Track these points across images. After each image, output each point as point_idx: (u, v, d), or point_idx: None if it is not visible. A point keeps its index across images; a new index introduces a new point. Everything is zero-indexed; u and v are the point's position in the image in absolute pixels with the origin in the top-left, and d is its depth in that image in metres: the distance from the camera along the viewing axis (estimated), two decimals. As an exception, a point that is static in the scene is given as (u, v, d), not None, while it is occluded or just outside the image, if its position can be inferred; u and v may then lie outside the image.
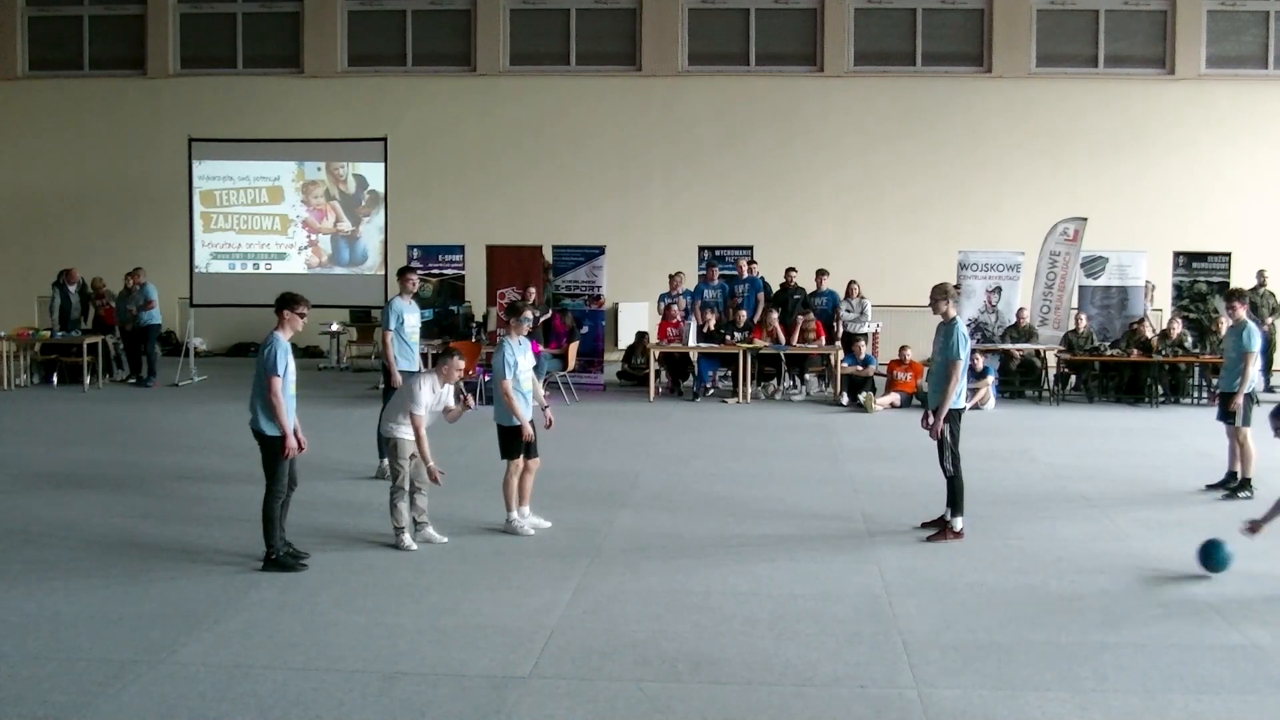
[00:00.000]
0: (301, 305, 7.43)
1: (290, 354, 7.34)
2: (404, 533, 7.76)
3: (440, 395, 7.95)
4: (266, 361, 7.18)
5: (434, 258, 17.26)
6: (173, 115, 20.45)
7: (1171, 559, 7.61)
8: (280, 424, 7.18)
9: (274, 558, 7.26)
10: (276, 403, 7.14)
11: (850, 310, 16.32)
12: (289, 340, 7.36)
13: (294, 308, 7.38)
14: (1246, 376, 9.64)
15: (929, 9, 20.43)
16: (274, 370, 7.14)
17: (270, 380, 7.14)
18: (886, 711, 5.11)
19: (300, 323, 7.43)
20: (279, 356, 7.17)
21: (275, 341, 7.22)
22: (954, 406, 8.16)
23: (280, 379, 7.16)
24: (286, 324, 7.35)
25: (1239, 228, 18.91)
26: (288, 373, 7.26)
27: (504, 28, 20.99)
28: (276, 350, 7.18)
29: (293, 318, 7.37)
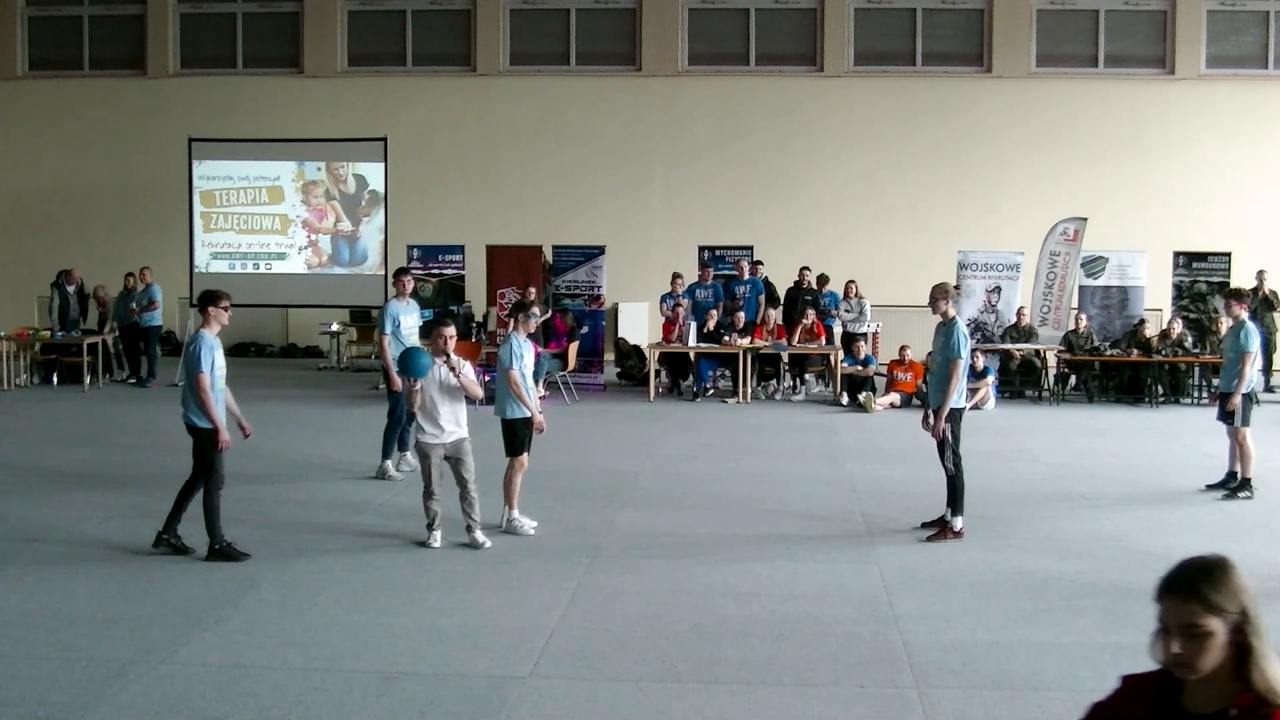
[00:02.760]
0: (224, 300, 7.69)
1: (219, 350, 7.57)
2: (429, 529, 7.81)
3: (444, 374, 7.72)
4: (193, 359, 7.45)
5: (434, 258, 17.26)
6: (173, 115, 20.46)
7: (1172, 559, 7.57)
8: (211, 418, 7.41)
9: (217, 548, 7.43)
10: (206, 399, 7.39)
11: (850, 310, 16.33)
12: (216, 336, 7.61)
13: (217, 303, 7.63)
14: (1244, 376, 9.64)
15: (929, 9, 20.43)
16: (199, 367, 7.39)
17: (198, 377, 7.39)
18: (886, 711, 5.11)
19: (225, 317, 7.69)
20: (204, 354, 7.41)
21: (201, 339, 7.50)
22: (954, 406, 8.16)
23: (208, 375, 7.40)
24: (212, 320, 7.60)
25: (1239, 228, 18.91)
26: (214, 368, 7.48)
27: (504, 28, 21.00)
28: (202, 347, 7.44)
29: (217, 313, 7.63)
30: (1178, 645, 2.19)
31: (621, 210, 20.38)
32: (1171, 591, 2.23)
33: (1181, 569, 2.26)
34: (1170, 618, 2.21)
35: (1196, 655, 2.18)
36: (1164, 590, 2.24)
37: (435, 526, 7.79)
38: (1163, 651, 2.22)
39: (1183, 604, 2.20)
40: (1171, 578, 2.25)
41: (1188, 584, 2.22)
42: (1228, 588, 2.21)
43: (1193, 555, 2.30)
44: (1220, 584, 2.21)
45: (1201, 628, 2.18)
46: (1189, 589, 2.21)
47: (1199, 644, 2.18)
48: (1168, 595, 2.23)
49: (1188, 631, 2.18)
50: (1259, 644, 2.19)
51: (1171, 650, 2.19)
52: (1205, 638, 2.18)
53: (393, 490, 9.62)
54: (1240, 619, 2.20)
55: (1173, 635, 2.20)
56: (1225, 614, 2.19)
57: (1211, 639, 2.18)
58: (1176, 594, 2.22)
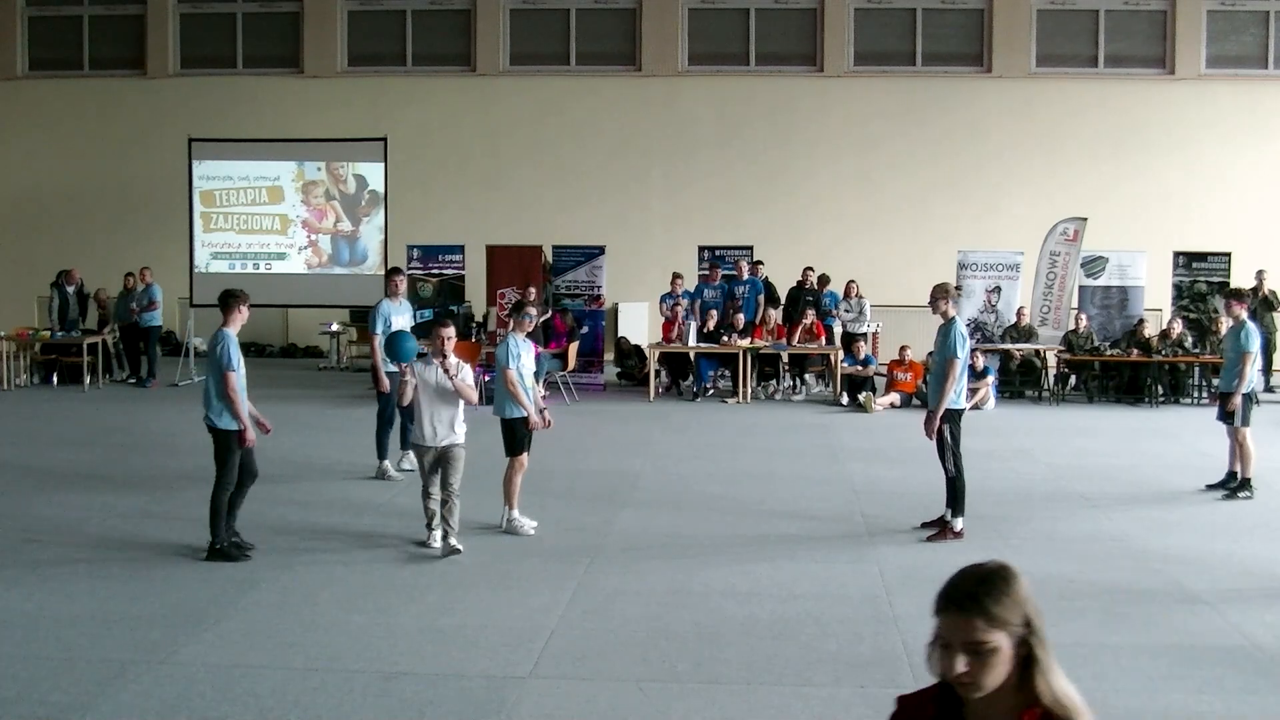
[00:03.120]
0: (244, 299, 7.70)
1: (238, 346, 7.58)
2: (429, 528, 7.73)
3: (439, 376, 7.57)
4: (221, 358, 7.42)
5: (434, 258, 17.26)
6: (173, 115, 20.45)
7: (1171, 559, 7.61)
8: (239, 417, 7.39)
9: (218, 548, 7.41)
10: (235, 397, 7.38)
11: (849, 310, 16.33)
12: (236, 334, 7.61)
13: (238, 302, 7.63)
14: (1244, 376, 9.64)
15: (929, 9, 20.43)
16: (229, 366, 7.39)
17: (227, 375, 7.37)
18: (886, 711, 5.10)
19: (245, 315, 7.68)
20: (232, 351, 7.42)
21: (225, 337, 7.49)
22: (954, 406, 8.17)
23: (236, 374, 7.40)
24: (234, 319, 7.60)
25: (1239, 228, 18.91)
26: (240, 365, 7.48)
27: (504, 28, 20.99)
28: (229, 345, 7.44)
29: (238, 312, 7.59)
30: (963, 663, 2.03)
31: (621, 210, 20.37)
32: (952, 606, 2.06)
33: (960, 581, 2.09)
34: (952, 634, 2.05)
35: (982, 673, 2.03)
36: (943, 604, 2.08)
37: (435, 526, 7.70)
38: (945, 669, 2.06)
39: (965, 619, 2.04)
40: (950, 591, 2.08)
41: (969, 597, 2.06)
42: (1010, 599, 2.05)
43: (972, 563, 2.13)
44: (1002, 595, 2.05)
45: (986, 644, 2.03)
46: (970, 603, 2.05)
47: (984, 661, 2.03)
48: (947, 610, 2.07)
49: (972, 648, 2.03)
50: (1044, 655, 2.07)
51: (956, 669, 2.03)
52: (991, 654, 2.03)
53: (392, 490, 9.62)
54: (1024, 631, 2.05)
55: (955, 652, 2.04)
56: (1009, 627, 2.04)
57: (997, 654, 2.03)
58: (957, 609, 2.05)
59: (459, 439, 7.65)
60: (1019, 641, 2.05)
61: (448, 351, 7.61)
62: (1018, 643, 2.05)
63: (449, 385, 7.54)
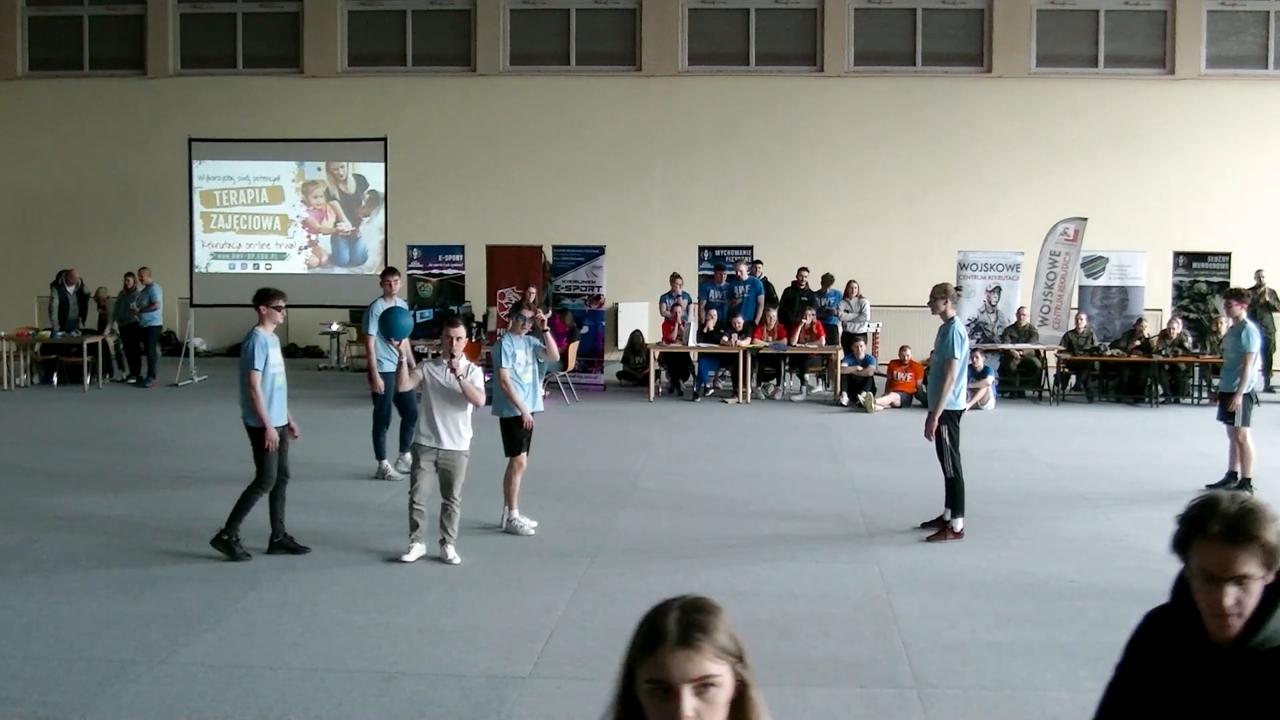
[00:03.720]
0: (278, 299, 7.63)
1: (274, 347, 7.57)
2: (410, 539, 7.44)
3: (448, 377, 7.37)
4: (245, 357, 7.47)
5: (434, 258, 17.26)
6: (173, 115, 20.45)
7: (1171, 559, 7.60)
8: (260, 416, 7.39)
9: (224, 539, 7.42)
10: (256, 396, 7.39)
11: (849, 310, 16.33)
12: (271, 334, 7.58)
13: (269, 302, 7.59)
14: (1245, 376, 9.64)
15: (929, 9, 20.42)
16: (252, 365, 7.39)
17: (250, 375, 7.39)
18: (886, 711, 5.11)
19: (279, 316, 7.65)
20: (256, 351, 7.41)
21: (255, 336, 7.48)
22: (954, 407, 8.17)
23: (260, 373, 7.39)
24: (266, 319, 7.57)
25: (1239, 228, 18.90)
26: (268, 366, 7.47)
27: (504, 28, 20.99)
28: (254, 345, 7.43)
29: (271, 312, 7.59)
30: (693, 708, 1.75)
31: (621, 210, 20.37)
32: (680, 642, 1.76)
33: (675, 613, 1.80)
34: (674, 672, 1.75)
35: (712, 715, 1.77)
36: (663, 641, 1.77)
37: (417, 538, 7.42)
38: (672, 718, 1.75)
39: (695, 654, 1.75)
40: (668, 626, 1.78)
41: (698, 628, 1.78)
42: (728, 628, 1.81)
43: (671, 596, 1.86)
44: (722, 625, 1.80)
45: (715, 679, 1.77)
46: (700, 634, 1.77)
47: (713, 698, 1.77)
48: (673, 647, 1.76)
49: (701, 685, 1.76)
50: (756, 691, 1.85)
51: (687, 715, 1.74)
52: (719, 690, 1.78)
53: (392, 490, 9.61)
54: (740, 663, 1.81)
55: (680, 696, 1.74)
56: (731, 659, 1.80)
57: (723, 692, 1.78)
58: (684, 644, 1.76)
59: (464, 446, 7.48)
60: (738, 677, 1.82)
61: (456, 352, 7.40)
62: (736, 678, 1.81)
63: (457, 387, 7.37)
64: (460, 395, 7.40)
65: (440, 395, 7.41)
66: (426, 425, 7.44)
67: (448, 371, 7.37)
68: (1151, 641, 2.47)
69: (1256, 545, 2.15)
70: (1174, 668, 2.34)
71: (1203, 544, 2.21)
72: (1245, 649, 2.21)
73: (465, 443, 7.50)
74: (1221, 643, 2.23)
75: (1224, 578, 2.17)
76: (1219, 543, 2.18)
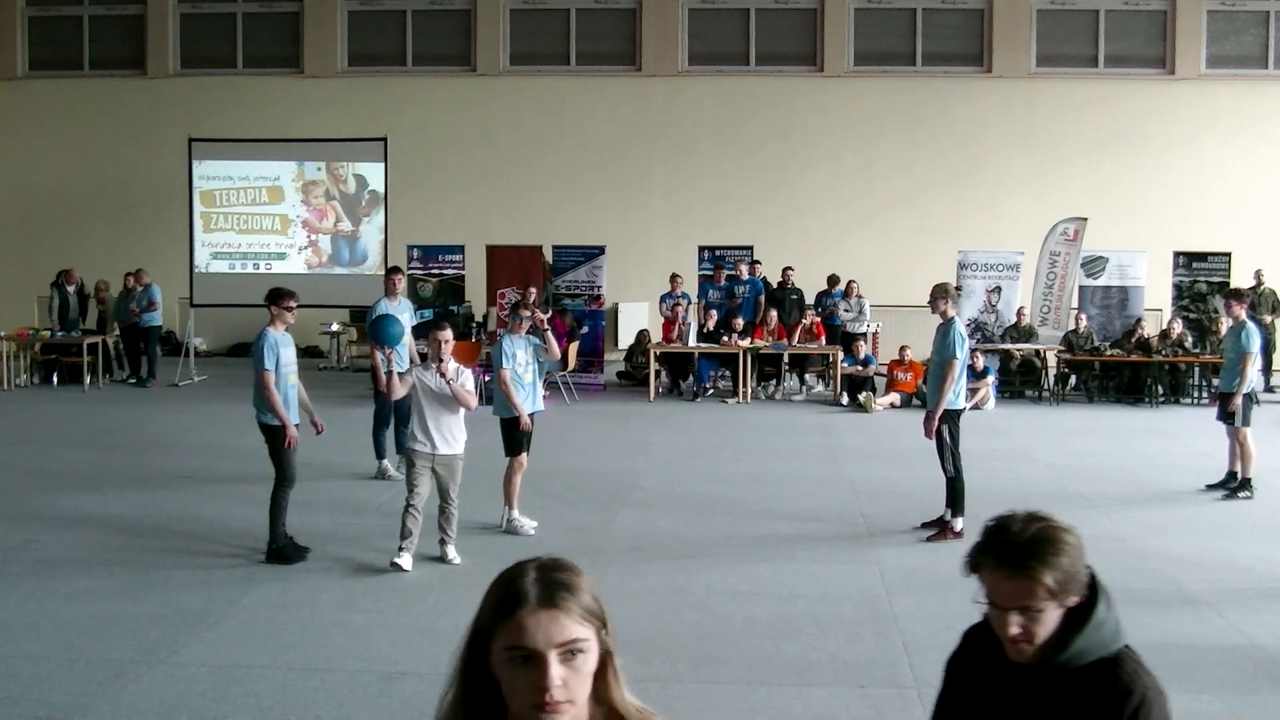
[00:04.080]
0: (288, 299, 7.64)
1: (286, 347, 7.58)
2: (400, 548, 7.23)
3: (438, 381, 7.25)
4: (256, 357, 7.52)
5: (434, 258, 17.25)
6: (173, 115, 20.45)
7: (1171, 559, 7.61)
8: (278, 414, 7.41)
9: (274, 548, 7.38)
10: (270, 395, 7.40)
11: (849, 310, 16.34)
12: (283, 333, 7.59)
13: (281, 302, 7.61)
14: (1245, 376, 9.64)
15: (929, 9, 20.43)
16: (263, 365, 7.42)
17: (262, 375, 7.41)
18: (886, 711, 5.11)
19: (290, 316, 7.65)
20: (266, 352, 7.44)
21: (264, 337, 7.51)
22: (954, 407, 8.17)
23: (272, 373, 7.40)
24: (277, 319, 7.59)
25: (1239, 228, 18.91)
26: (280, 365, 7.47)
27: (504, 28, 20.99)
28: (264, 346, 7.46)
29: (281, 312, 7.60)
30: (560, 677, 1.59)
31: (621, 210, 20.37)
32: (543, 603, 1.61)
33: (534, 573, 1.66)
34: (539, 638, 1.59)
35: (580, 685, 1.63)
36: (523, 603, 1.61)
37: (407, 547, 7.21)
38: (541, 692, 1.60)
39: (560, 615, 1.61)
40: (527, 586, 1.63)
41: (562, 588, 1.63)
42: (591, 590, 1.67)
43: (526, 558, 1.71)
44: (585, 586, 1.67)
45: (582, 644, 1.62)
46: (565, 594, 1.63)
47: (580, 666, 1.62)
48: (535, 609, 1.61)
49: (568, 652, 1.61)
50: (618, 661, 1.70)
51: (553, 684, 1.59)
52: (586, 656, 1.63)
53: (392, 490, 9.60)
54: (604, 629, 1.67)
55: (546, 663, 1.59)
56: (596, 624, 1.65)
57: (590, 660, 1.64)
58: (548, 604, 1.61)
59: (459, 450, 7.39)
60: (603, 644, 1.67)
61: (445, 356, 7.30)
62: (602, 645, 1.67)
63: (448, 391, 7.25)
64: (452, 400, 7.28)
65: (432, 400, 7.29)
66: (420, 431, 7.30)
67: (437, 376, 7.26)
68: (966, 659, 2.37)
69: (1040, 578, 2.09)
70: (985, 685, 2.27)
71: (987, 572, 2.15)
72: (1051, 667, 2.14)
73: (460, 445, 7.41)
74: (1024, 662, 2.16)
75: (1005, 607, 2.12)
76: (1002, 573, 2.12)
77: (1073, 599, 2.13)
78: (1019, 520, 2.18)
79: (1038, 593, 2.08)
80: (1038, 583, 2.08)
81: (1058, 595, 2.09)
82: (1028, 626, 2.11)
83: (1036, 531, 2.15)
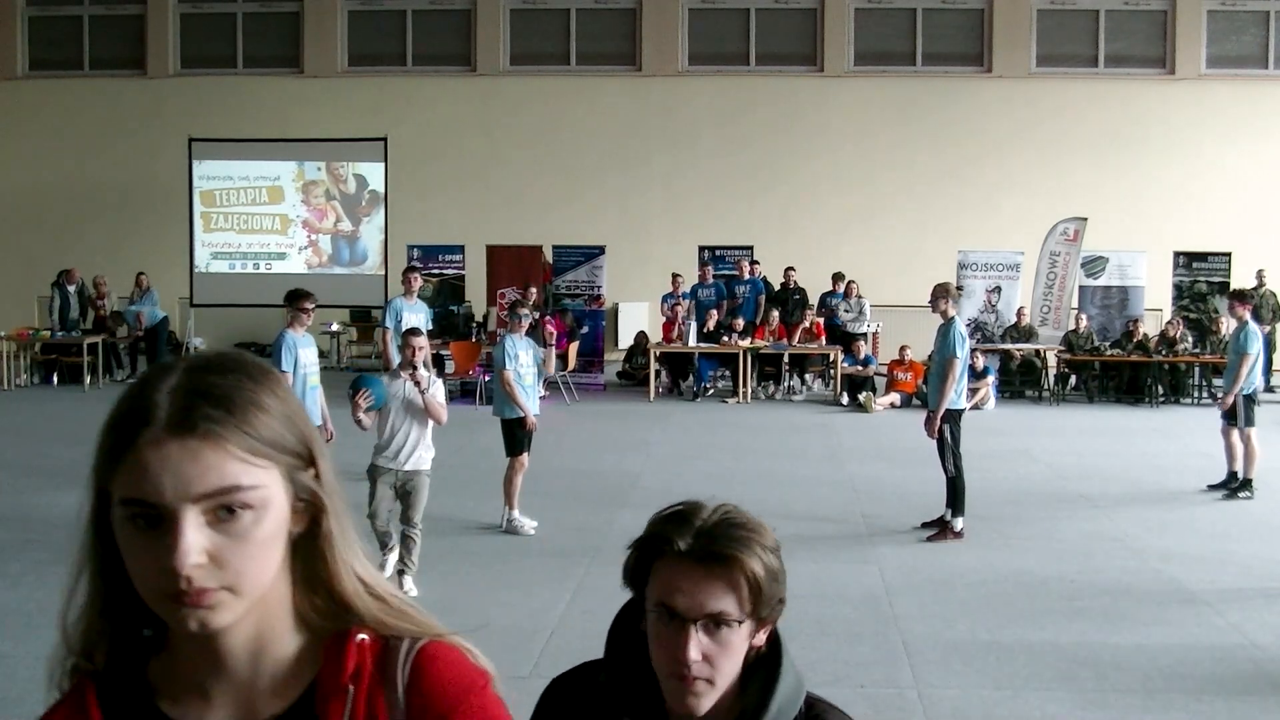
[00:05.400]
0: (304, 300, 7.69)
1: (304, 348, 7.65)
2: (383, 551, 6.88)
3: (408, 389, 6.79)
4: (273, 359, 7.58)
5: (434, 258, 17.25)
6: (173, 115, 20.45)
7: (1172, 559, 7.61)
8: None
9: None
10: None
11: (849, 310, 16.34)
12: (303, 334, 7.67)
13: (297, 303, 7.68)
14: (1239, 378, 9.64)
15: (929, 9, 20.42)
16: (279, 366, 7.43)
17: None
18: (886, 711, 5.11)
19: (307, 317, 7.72)
20: (283, 353, 7.49)
21: (282, 338, 7.59)
22: (954, 406, 8.18)
23: (289, 374, 7.43)
24: (294, 320, 7.67)
25: (1239, 228, 18.90)
26: (298, 366, 7.53)
27: (504, 28, 20.99)
28: (281, 347, 7.53)
29: (298, 313, 7.66)
30: (196, 549, 1.04)
31: (621, 210, 20.37)
32: (173, 425, 1.08)
33: (178, 377, 1.10)
34: (165, 485, 1.06)
35: (244, 558, 1.09)
36: (146, 421, 1.09)
37: (390, 548, 6.88)
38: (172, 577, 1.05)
39: (203, 447, 1.07)
40: (157, 398, 1.09)
41: (214, 402, 1.08)
42: (289, 407, 1.16)
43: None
44: (270, 399, 1.12)
45: (244, 494, 1.07)
46: (217, 411, 1.07)
47: (242, 529, 1.09)
48: (161, 433, 1.07)
49: (219, 506, 1.05)
50: (342, 522, 1.24)
51: (186, 563, 1.04)
52: (256, 514, 1.09)
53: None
54: (303, 467, 1.16)
55: (178, 524, 1.03)
56: (286, 459, 1.12)
57: (265, 518, 1.11)
58: (180, 429, 1.08)
59: (426, 466, 6.86)
60: (296, 495, 1.12)
61: (418, 363, 6.82)
62: (295, 497, 1.12)
63: (419, 401, 6.75)
64: (422, 411, 6.80)
65: (401, 410, 6.78)
66: (386, 443, 6.79)
67: (408, 384, 6.78)
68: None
69: (738, 572, 1.51)
70: None
71: (665, 567, 1.54)
72: None
73: (428, 463, 6.88)
74: None
75: (689, 616, 1.50)
76: (687, 565, 1.52)
77: (764, 632, 1.59)
78: (707, 507, 1.60)
79: (735, 595, 1.51)
80: (740, 575, 1.51)
81: (754, 608, 1.53)
82: (713, 655, 1.51)
83: (730, 514, 1.61)
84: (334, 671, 1.13)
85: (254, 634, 1.12)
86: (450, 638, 1.28)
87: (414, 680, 1.17)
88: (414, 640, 1.21)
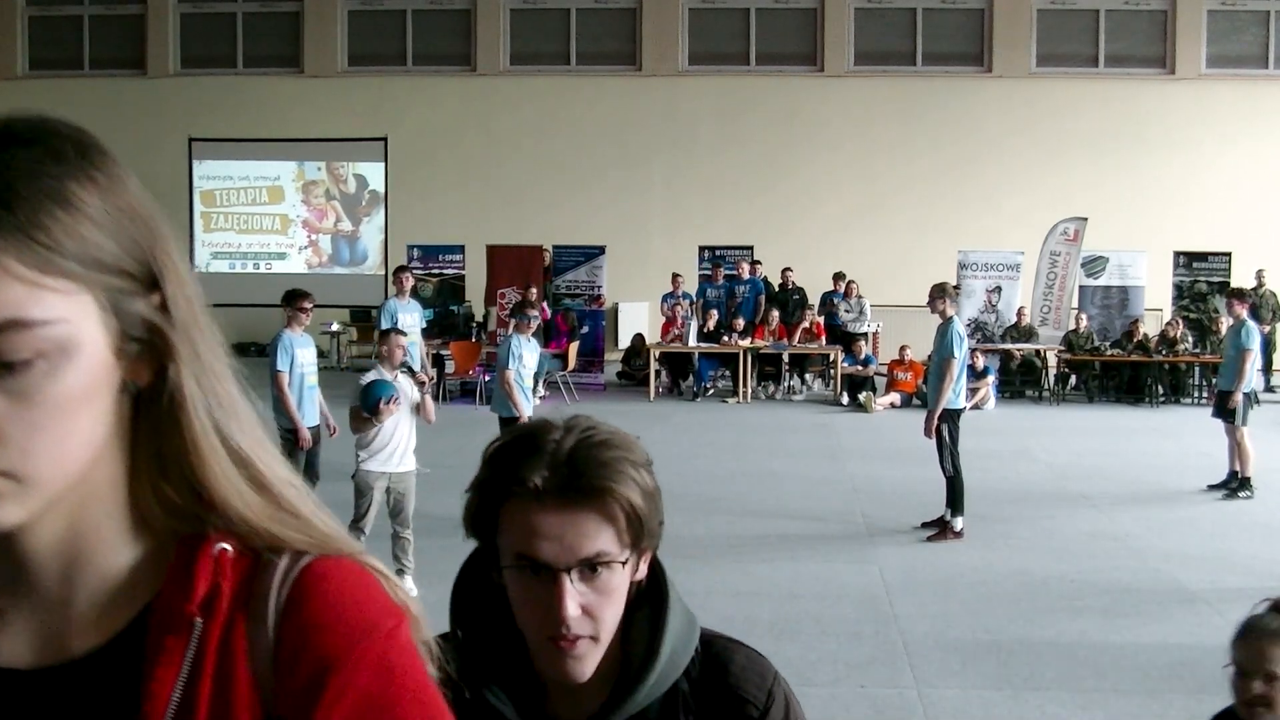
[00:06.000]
0: (302, 300, 7.71)
1: (302, 347, 7.67)
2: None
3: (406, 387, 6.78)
4: (270, 359, 7.59)
5: (434, 258, 17.25)
6: (173, 115, 20.45)
7: (1172, 559, 7.61)
8: (290, 415, 7.46)
9: None
10: (282, 396, 7.44)
11: (849, 310, 16.34)
12: (301, 334, 7.69)
13: (295, 303, 7.71)
14: (1244, 374, 9.65)
15: (929, 9, 20.43)
16: (275, 366, 7.48)
17: (276, 376, 7.45)
18: (886, 711, 5.11)
19: (305, 317, 7.73)
20: (280, 353, 7.51)
21: (280, 338, 7.61)
22: (954, 406, 8.18)
23: (285, 374, 7.45)
24: (292, 320, 7.69)
25: (1239, 228, 18.89)
26: (295, 366, 7.53)
27: (504, 28, 20.99)
28: (277, 347, 7.55)
29: (295, 313, 7.68)
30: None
31: (621, 210, 20.37)
32: None
33: None
34: None
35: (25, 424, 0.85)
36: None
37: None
38: None
39: None
40: None
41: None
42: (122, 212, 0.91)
43: None
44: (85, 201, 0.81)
45: (27, 327, 0.78)
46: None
47: (29, 385, 0.78)
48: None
49: None
50: (198, 381, 0.89)
51: None
52: (36, 366, 0.79)
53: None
54: (135, 287, 0.86)
55: None
56: (108, 279, 0.83)
57: (59, 371, 0.85)
58: None
59: (413, 465, 6.81)
60: (125, 333, 0.81)
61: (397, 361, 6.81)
62: (124, 336, 0.80)
63: (416, 396, 6.71)
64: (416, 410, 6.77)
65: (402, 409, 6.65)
66: (381, 445, 6.65)
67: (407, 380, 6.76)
68: None
69: (612, 503, 1.24)
70: None
71: (519, 510, 1.26)
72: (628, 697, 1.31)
73: (414, 461, 6.83)
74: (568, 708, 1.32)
75: (559, 565, 1.24)
76: (549, 504, 1.23)
77: (645, 562, 1.39)
78: (554, 425, 1.29)
79: (612, 528, 1.26)
80: (614, 503, 1.25)
81: (637, 541, 1.31)
82: (594, 608, 1.26)
83: (591, 434, 1.27)
84: (177, 595, 0.79)
85: (66, 538, 0.78)
86: (360, 557, 0.90)
87: (290, 610, 0.80)
88: (299, 555, 0.85)
